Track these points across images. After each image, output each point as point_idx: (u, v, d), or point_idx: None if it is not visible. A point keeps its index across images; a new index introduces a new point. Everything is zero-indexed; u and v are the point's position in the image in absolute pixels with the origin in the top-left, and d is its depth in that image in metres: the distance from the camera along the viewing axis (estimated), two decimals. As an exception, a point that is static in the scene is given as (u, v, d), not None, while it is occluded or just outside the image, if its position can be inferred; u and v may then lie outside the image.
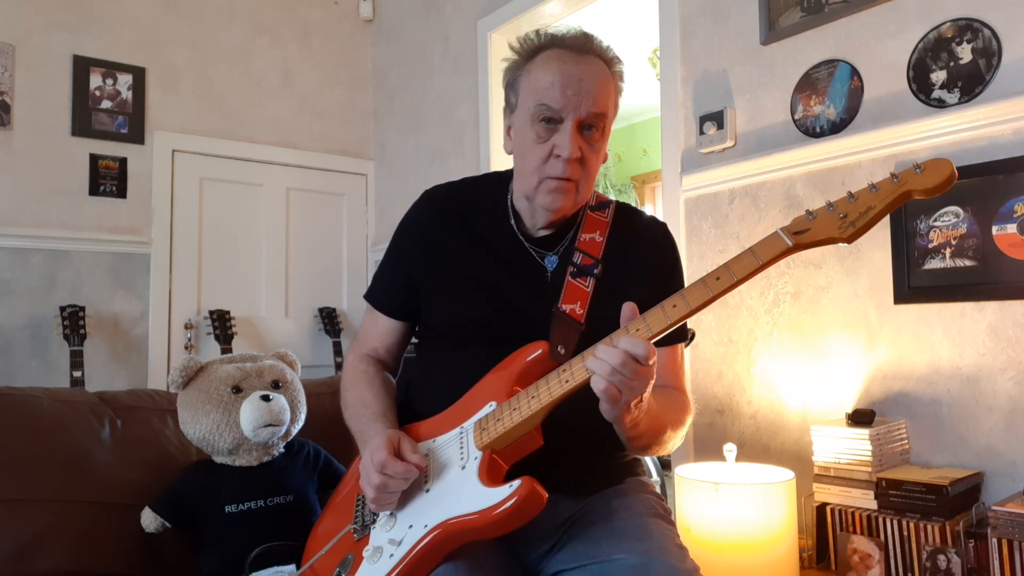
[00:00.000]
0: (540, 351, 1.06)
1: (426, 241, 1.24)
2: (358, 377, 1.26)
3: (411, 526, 1.02)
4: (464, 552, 1.00)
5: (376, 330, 1.31)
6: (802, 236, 0.90)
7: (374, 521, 1.09)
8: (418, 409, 1.21)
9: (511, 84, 1.18)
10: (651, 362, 0.91)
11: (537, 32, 1.16)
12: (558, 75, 1.09)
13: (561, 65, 1.10)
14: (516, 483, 0.94)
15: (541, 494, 0.94)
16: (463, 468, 1.02)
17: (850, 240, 0.89)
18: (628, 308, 0.97)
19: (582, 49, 1.11)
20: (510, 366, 1.07)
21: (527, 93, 1.13)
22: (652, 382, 0.94)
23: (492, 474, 0.99)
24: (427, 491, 1.04)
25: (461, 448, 1.05)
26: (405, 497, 1.06)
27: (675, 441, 1.14)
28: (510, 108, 1.20)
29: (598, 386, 0.92)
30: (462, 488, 1.00)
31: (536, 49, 1.14)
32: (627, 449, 1.16)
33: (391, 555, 1.01)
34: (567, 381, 0.97)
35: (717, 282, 0.92)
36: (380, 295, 1.31)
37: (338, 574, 1.08)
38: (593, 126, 1.11)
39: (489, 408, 1.05)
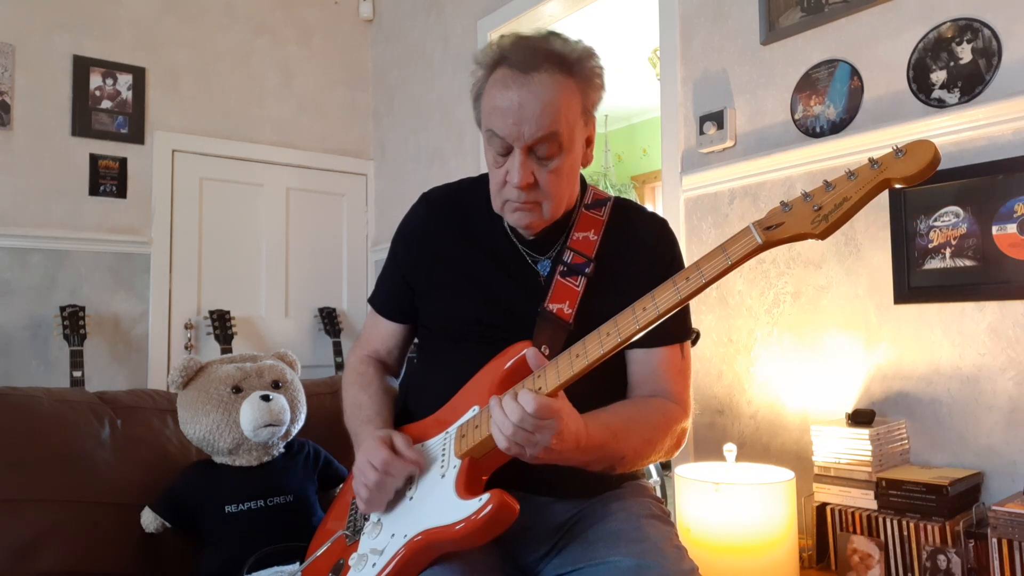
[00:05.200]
0: (523, 353, 1.03)
1: (422, 243, 1.24)
2: (356, 379, 1.26)
3: (393, 535, 1.02)
4: (459, 554, 1.00)
5: (377, 332, 1.32)
6: (774, 232, 0.84)
7: (363, 529, 1.09)
8: (414, 410, 1.21)
9: (475, 100, 1.16)
10: (544, 417, 0.88)
11: (502, 37, 1.12)
12: (500, 102, 1.06)
13: (504, 91, 1.06)
14: (485, 496, 0.93)
15: (512, 506, 0.93)
16: (443, 476, 1.01)
17: (823, 236, 0.82)
18: (532, 354, 0.95)
19: (528, 66, 1.05)
20: (494, 368, 1.06)
21: (482, 116, 1.12)
22: (554, 434, 0.90)
23: (469, 484, 0.98)
24: (410, 498, 1.04)
25: (443, 454, 1.04)
26: (392, 502, 1.06)
27: (653, 456, 1.10)
28: (477, 124, 1.17)
29: (499, 443, 0.91)
30: (439, 498, 1.00)
31: (492, 64, 1.10)
32: None
33: (374, 564, 1.01)
34: (540, 389, 0.95)
35: (687, 283, 0.88)
36: (380, 298, 1.31)
37: None
38: (546, 148, 1.07)
39: (472, 413, 1.04)
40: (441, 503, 0.98)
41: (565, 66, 1.08)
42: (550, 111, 1.05)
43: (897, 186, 0.81)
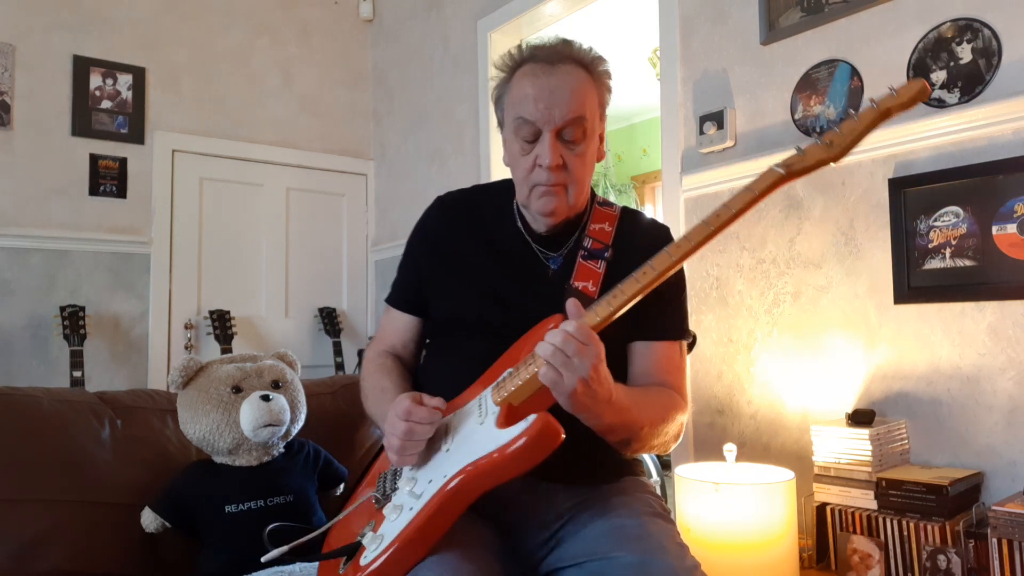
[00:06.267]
0: (554, 324, 1.04)
1: (435, 241, 1.30)
2: (376, 368, 1.29)
3: (431, 480, 1.02)
4: (458, 541, 1.00)
5: (392, 327, 1.35)
6: (794, 167, 0.99)
7: (395, 490, 1.09)
8: None
9: (497, 101, 1.24)
10: (585, 341, 0.93)
11: (519, 47, 1.22)
12: (531, 89, 1.15)
13: (534, 79, 1.16)
14: (531, 418, 0.93)
15: (556, 428, 0.93)
16: (481, 423, 1.02)
17: (837, 158, 0.97)
18: (571, 303, 0.99)
19: (554, 59, 1.16)
20: (527, 341, 1.08)
21: (509, 109, 1.20)
22: (594, 363, 0.93)
23: (509, 420, 0.98)
24: (447, 450, 1.04)
25: (480, 408, 1.05)
26: (426, 458, 1.06)
27: (662, 438, 1.13)
28: (500, 124, 1.26)
29: (546, 376, 0.94)
30: (478, 439, 0.99)
31: (515, 66, 1.20)
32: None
33: (411, 508, 1.01)
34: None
35: (716, 218, 0.99)
36: (396, 293, 1.36)
37: (363, 534, 1.06)
38: (573, 131, 1.16)
39: (506, 374, 1.06)
40: (482, 439, 0.98)
41: (583, 64, 1.19)
42: (578, 96, 1.16)
43: (897, 113, 0.95)
